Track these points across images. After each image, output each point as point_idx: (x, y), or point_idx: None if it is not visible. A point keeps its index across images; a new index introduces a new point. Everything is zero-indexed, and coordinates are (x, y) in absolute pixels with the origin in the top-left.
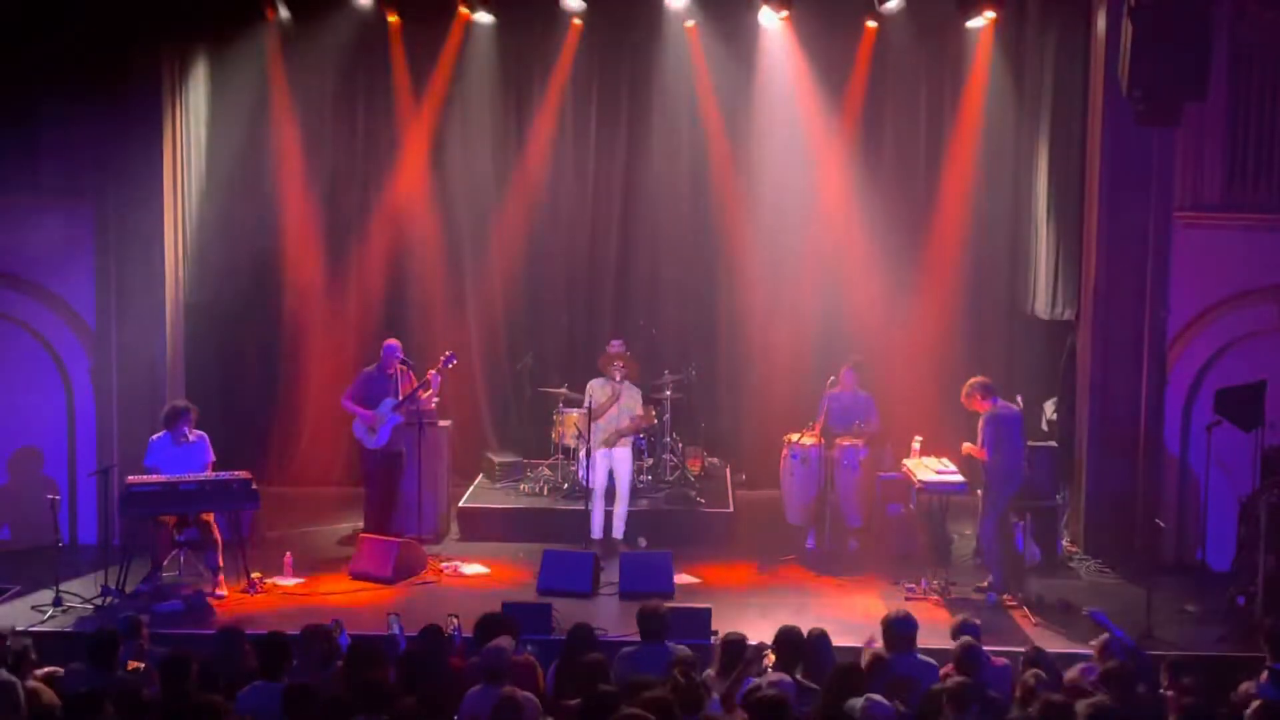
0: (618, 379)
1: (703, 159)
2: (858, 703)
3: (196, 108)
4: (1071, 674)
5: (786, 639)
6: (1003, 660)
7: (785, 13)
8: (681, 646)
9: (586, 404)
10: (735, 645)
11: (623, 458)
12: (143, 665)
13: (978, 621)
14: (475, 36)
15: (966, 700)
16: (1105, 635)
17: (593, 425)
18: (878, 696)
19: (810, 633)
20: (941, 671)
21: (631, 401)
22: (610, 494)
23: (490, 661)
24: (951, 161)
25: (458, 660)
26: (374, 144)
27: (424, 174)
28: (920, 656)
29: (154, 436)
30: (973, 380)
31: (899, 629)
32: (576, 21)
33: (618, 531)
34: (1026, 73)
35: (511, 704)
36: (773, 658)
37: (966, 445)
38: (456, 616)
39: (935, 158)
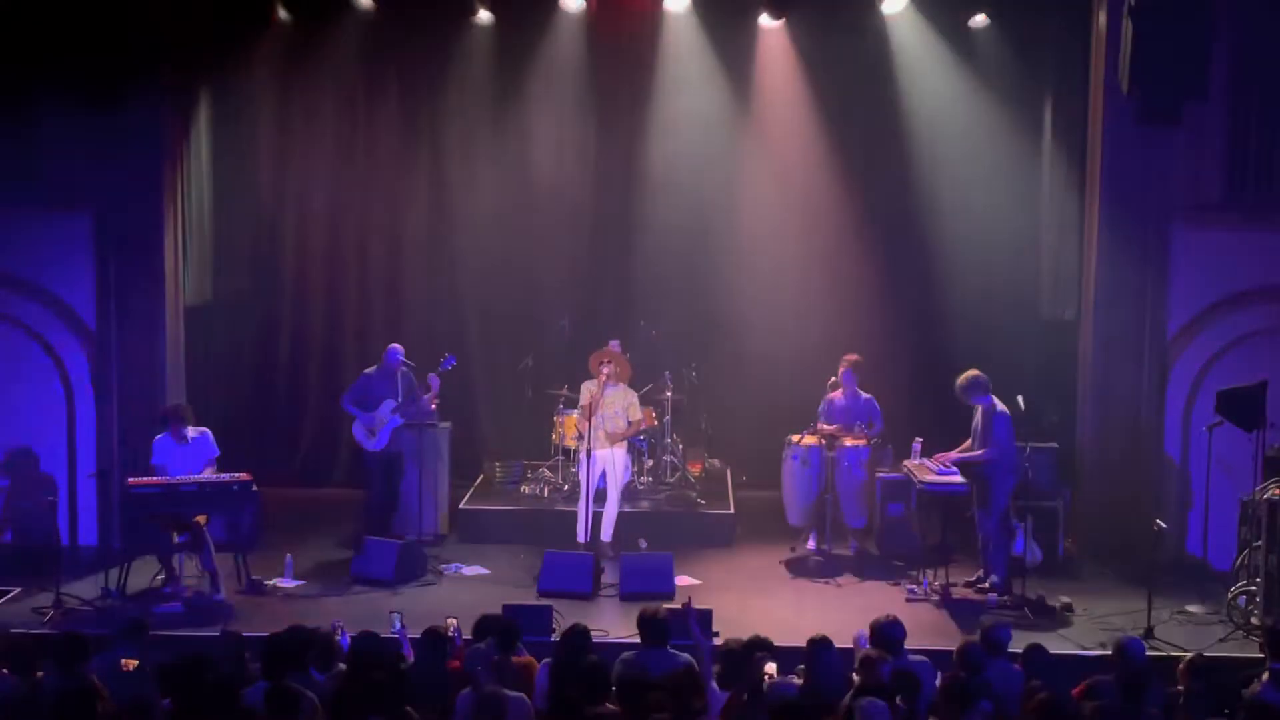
0: (603, 377)
1: (703, 160)
2: (859, 702)
3: (197, 110)
4: None
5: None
6: (1017, 666)
7: (782, 19)
8: (684, 655)
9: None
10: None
11: (616, 461)
12: (135, 663)
13: (1008, 623)
14: (474, 36)
15: (969, 699)
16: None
17: (588, 425)
18: (872, 697)
19: (812, 639)
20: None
21: (621, 402)
22: (601, 496)
23: (471, 667)
24: (954, 163)
25: (457, 663)
26: (374, 147)
27: (425, 176)
28: (912, 657)
29: (157, 437)
30: (972, 374)
31: (887, 633)
32: (577, 21)
33: (605, 534)
34: (1028, 72)
35: (494, 701)
36: (774, 666)
37: (950, 456)
38: (455, 618)
39: (938, 159)
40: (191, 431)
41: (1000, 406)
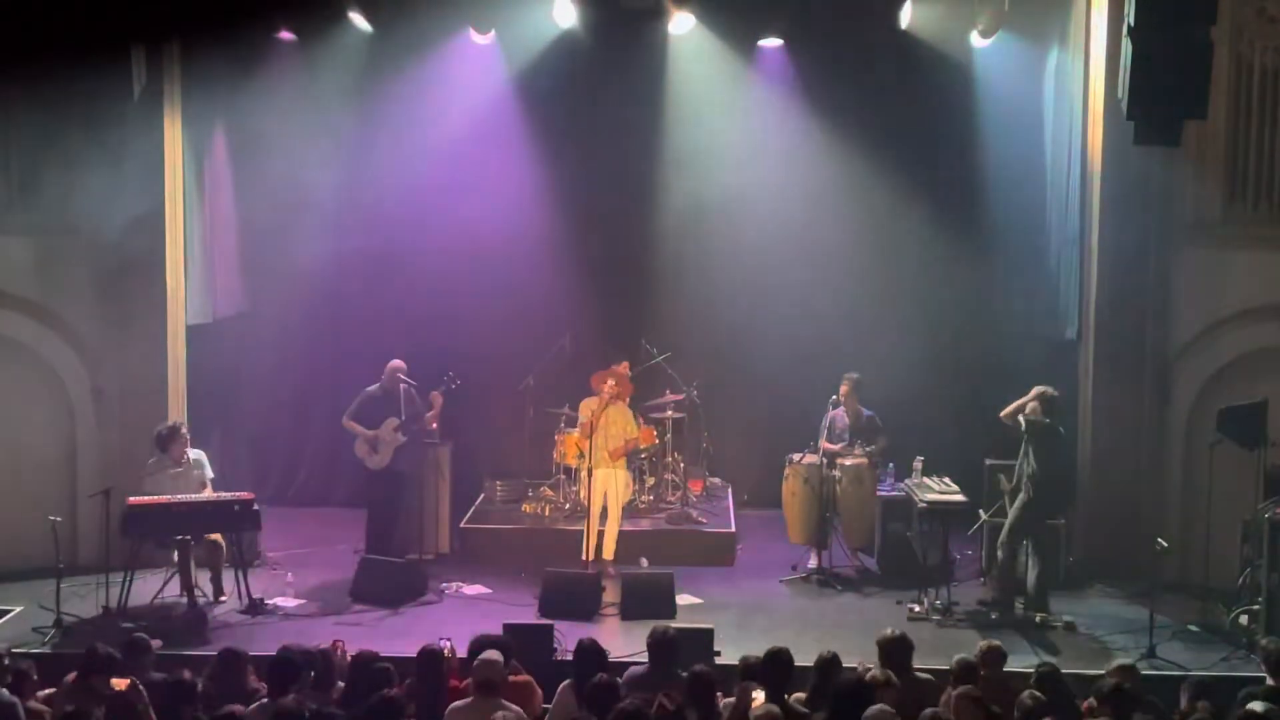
0: (605, 395)
1: (706, 179)
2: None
3: (200, 128)
4: None
5: (776, 661)
6: None
7: (785, 39)
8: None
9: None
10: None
11: (617, 479)
12: (127, 682)
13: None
14: (475, 52)
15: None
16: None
17: (589, 443)
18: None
19: (820, 656)
20: (944, 695)
21: (621, 420)
22: (602, 515)
23: (482, 673)
24: (955, 182)
25: (456, 681)
26: (375, 161)
27: (425, 192)
28: (919, 675)
29: (150, 460)
30: (1050, 390)
31: (895, 649)
32: (579, 41)
33: (606, 552)
34: (1029, 92)
35: None
36: (761, 696)
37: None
38: (450, 639)
39: (940, 178)
40: (191, 454)
41: None
